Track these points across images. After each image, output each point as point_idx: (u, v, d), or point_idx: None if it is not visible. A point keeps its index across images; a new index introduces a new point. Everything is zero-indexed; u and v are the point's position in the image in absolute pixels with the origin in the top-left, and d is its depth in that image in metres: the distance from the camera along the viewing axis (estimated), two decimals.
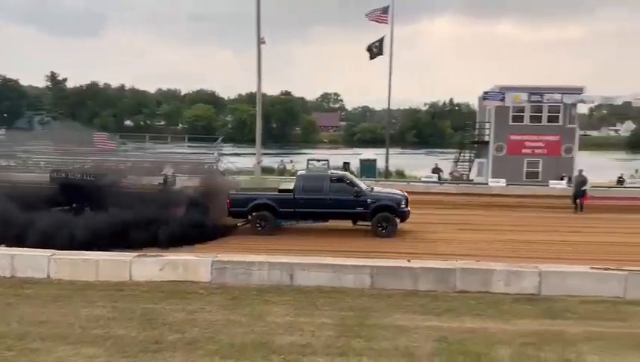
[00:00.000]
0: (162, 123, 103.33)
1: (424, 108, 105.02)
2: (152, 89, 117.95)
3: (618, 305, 9.53)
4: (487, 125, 30.70)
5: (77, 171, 17.07)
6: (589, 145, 60.00)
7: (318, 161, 27.77)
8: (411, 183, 26.86)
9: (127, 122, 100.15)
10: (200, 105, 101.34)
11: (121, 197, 15.01)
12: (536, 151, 28.66)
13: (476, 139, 32.14)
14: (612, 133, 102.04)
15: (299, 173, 17.83)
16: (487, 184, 27.45)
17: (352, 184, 16.48)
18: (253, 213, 16.06)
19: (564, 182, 26.42)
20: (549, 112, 28.29)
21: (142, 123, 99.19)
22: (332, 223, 16.62)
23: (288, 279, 10.30)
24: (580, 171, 22.77)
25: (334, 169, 21.57)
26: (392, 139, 45.23)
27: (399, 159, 40.88)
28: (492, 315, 8.93)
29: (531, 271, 10.17)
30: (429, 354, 7.22)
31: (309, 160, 28.74)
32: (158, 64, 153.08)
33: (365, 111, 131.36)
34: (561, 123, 28.34)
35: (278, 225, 16.21)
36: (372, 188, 17.05)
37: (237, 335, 7.76)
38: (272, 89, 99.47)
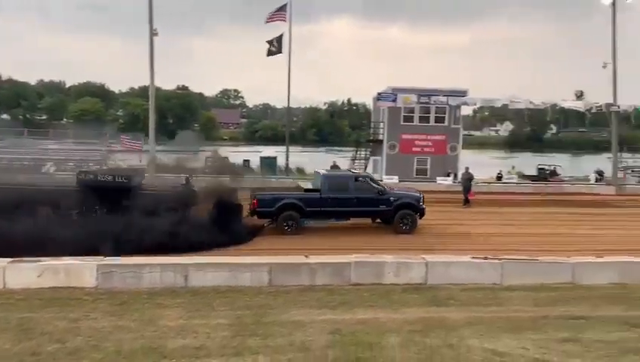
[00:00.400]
0: (44, 117, 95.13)
1: (324, 107, 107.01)
2: (32, 80, 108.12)
3: (496, 291, 10.42)
4: (381, 125, 32.00)
5: (107, 172, 16.31)
6: (472, 144, 64.81)
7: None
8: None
9: (4, 116, 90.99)
10: (87, 98, 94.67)
11: (153, 199, 14.20)
12: (425, 149, 30.43)
13: (371, 138, 33.37)
14: (493, 133, 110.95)
15: (322, 173, 17.62)
16: (381, 181, 28.61)
17: (375, 183, 17.20)
18: (281, 213, 15.70)
19: (450, 178, 28.33)
20: (436, 113, 30.16)
21: (21, 117, 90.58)
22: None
23: (182, 280, 9.98)
24: (467, 168, 24.53)
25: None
26: (293, 137, 45.62)
27: (300, 157, 41.25)
28: (383, 305, 9.34)
29: (419, 262, 10.78)
30: (324, 346, 7.37)
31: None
32: (39, 53, 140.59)
33: (266, 109, 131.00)
34: (447, 123, 30.33)
35: (302, 224, 16.01)
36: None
37: (125, 341, 7.36)
38: (168, 83, 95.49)
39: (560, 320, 8.79)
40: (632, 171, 34.66)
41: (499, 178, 31.58)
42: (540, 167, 34.66)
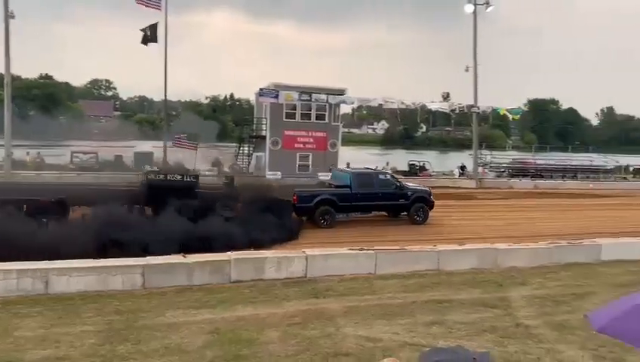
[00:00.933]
0: None
1: (205, 102, 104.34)
2: None
3: (370, 280, 10.92)
4: (264, 121, 32.00)
5: (176, 172, 16.98)
6: (351, 141, 67.53)
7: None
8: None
9: None
10: None
11: (210, 198, 15.17)
12: (307, 146, 31.05)
13: (254, 134, 33.24)
14: (370, 131, 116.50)
15: (352, 170, 19.66)
16: (264, 177, 28.65)
17: (394, 179, 19.13)
18: (318, 208, 16.85)
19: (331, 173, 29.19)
20: (317, 111, 30.90)
21: None
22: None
23: (43, 287, 9.09)
24: (348, 164, 25.50)
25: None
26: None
27: (179, 152, 39.69)
28: (264, 301, 9.33)
29: (299, 255, 10.94)
30: (201, 347, 7.17)
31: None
32: None
33: (143, 102, 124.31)
34: (327, 121, 31.22)
35: (335, 218, 17.27)
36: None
37: None
38: (28, 71, 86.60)
39: (427, 304, 9.47)
40: (491, 166, 38.50)
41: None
42: (411, 162, 37.13)
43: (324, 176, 28.59)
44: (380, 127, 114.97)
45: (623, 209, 24.27)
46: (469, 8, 33.43)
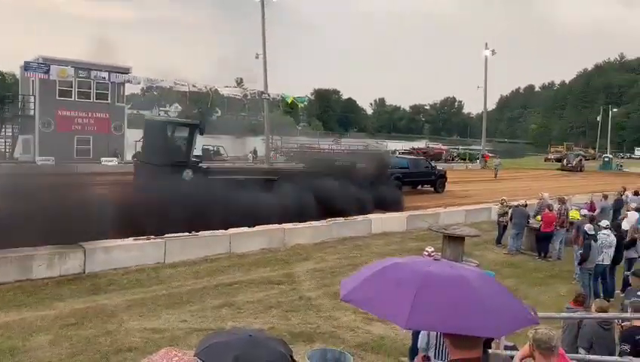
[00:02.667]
0: None
1: None
2: None
3: (159, 270, 10.47)
4: (32, 98, 27.95)
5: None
6: (141, 123, 63.58)
7: None
8: None
9: None
10: None
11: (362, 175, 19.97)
12: (87, 128, 28.15)
13: (20, 113, 28.84)
14: (162, 114, 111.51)
15: (408, 157, 28.94)
16: (34, 163, 25.14)
17: (429, 163, 28.02)
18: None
19: (117, 159, 27.12)
20: (97, 90, 28.19)
21: None
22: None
23: None
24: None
25: None
26: None
27: None
28: (31, 303, 8.23)
29: (75, 250, 9.90)
30: None
31: None
32: None
33: None
34: (110, 101, 28.73)
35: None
36: None
37: None
38: None
39: (217, 288, 9.51)
40: (282, 151, 40.36)
41: None
42: (204, 147, 36.69)
43: (109, 162, 26.46)
44: (174, 110, 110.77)
45: None
46: None
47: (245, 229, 12.91)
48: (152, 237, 11.17)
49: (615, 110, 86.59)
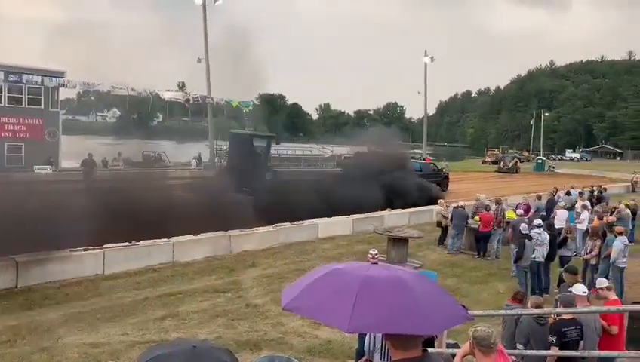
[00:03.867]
0: None
1: None
2: None
3: (97, 282, 10.08)
4: None
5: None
6: (78, 129, 61.00)
7: None
8: None
9: None
10: None
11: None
12: (18, 134, 26.59)
13: None
14: (100, 119, 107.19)
15: (420, 162, 32.16)
16: None
17: (436, 166, 32.74)
18: None
19: (50, 167, 25.85)
20: (29, 95, 26.71)
21: None
22: None
23: None
24: (90, 155, 24.22)
25: None
26: None
27: None
28: None
29: (6, 263, 9.36)
30: None
31: None
32: None
33: None
34: (43, 106, 27.29)
35: None
36: None
37: None
38: None
39: (160, 299, 9.26)
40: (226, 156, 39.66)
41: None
42: (145, 153, 35.60)
43: (41, 170, 25.19)
44: (112, 115, 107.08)
45: None
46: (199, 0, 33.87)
47: (190, 237, 12.64)
48: (90, 247, 10.74)
49: (547, 114, 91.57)
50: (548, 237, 11.30)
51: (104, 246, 10.79)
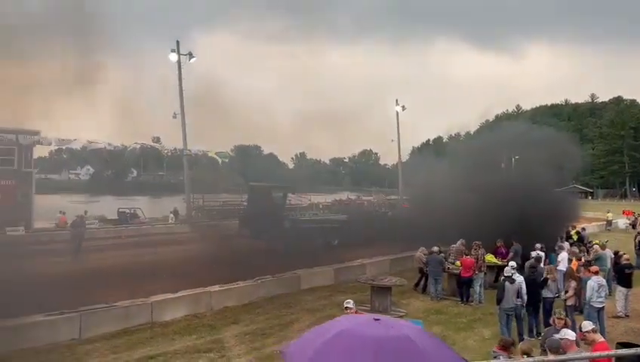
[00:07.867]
0: None
1: None
2: None
3: (73, 347, 9.67)
4: None
5: None
6: (50, 188, 59.87)
7: None
8: None
9: None
10: None
11: None
12: None
13: None
14: (73, 177, 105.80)
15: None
16: None
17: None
18: None
19: (21, 228, 25.20)
20: (2, 155, 26.33)
21: None
22: None
23: None
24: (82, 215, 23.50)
25: None
26: None
27: None
28: None
29: None
30: None
31: None
32: None
33: None
34: (16, 166, 26.85)
35: None
36: None
37: None
38: None
39: None
40: (204, 210, 39.25)
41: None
42: (121, 210, 35.05)
43: (14, 232, 24.55)
44: (85, 173, 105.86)
45: None
46: (174, 57, 34.53)
47: (169, 295, 12.35)
48: (66, 311, 10.36)
49: (517, 157, 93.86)
50: (522, 279, 11.27)
51: (79, 308, 10.44)
